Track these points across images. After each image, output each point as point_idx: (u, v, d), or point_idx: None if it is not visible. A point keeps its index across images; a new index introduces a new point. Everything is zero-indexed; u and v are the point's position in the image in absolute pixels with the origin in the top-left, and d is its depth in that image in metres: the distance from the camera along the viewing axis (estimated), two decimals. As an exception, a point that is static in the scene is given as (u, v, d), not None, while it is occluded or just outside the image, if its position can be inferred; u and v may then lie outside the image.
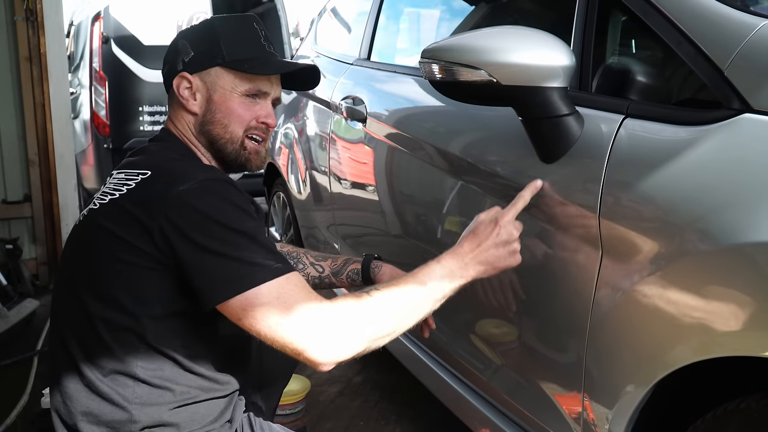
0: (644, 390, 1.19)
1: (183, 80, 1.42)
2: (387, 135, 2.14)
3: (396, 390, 2.66)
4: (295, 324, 1.19)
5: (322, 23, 3.38)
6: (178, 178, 1.25)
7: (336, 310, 1.22)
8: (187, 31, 1.49)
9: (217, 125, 1.42)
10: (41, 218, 3.95)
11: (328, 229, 2.75)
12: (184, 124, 1.44)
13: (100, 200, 1.32)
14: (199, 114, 1.43)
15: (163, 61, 1.48)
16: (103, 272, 1.27)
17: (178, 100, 1.43)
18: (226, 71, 1.41)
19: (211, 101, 1.42)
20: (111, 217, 1.27)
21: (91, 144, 5.20)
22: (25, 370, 2.82)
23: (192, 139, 1.44)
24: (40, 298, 3.61)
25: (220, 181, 1.28)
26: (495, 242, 1.34)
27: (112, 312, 1.26)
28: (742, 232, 1.01)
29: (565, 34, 1.44)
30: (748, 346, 1.02)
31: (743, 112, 1.09)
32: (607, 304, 1.26)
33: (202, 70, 1.42)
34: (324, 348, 1.20)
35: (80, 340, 1.29)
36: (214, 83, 1.42)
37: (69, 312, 1.33)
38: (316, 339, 1.20)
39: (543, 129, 1.36)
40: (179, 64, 1.42)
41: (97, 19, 5.10)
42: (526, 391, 1.57)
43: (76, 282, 1.31)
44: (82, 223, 1.36)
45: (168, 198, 1.23)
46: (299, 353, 1.20)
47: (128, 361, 1.27)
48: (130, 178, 1.30)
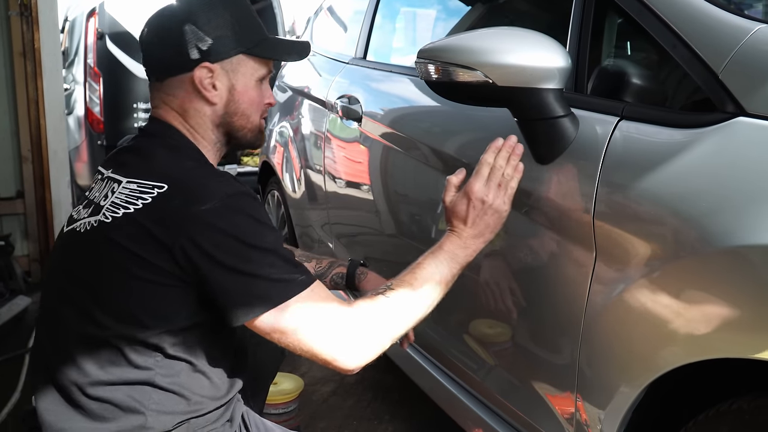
0: (637, 391, 1.20)
1: (204, 70, 1.31)
2: (382, 134, 2.15)
3: (389, 389, 2.66)
4: (323, 335, 1.21)
5: (318, 22, 3.38)
6: (199, 196, 1.20)
7: (360, 316, 1.24)
8: (185, 12, 1.33)
9: (241, 116, 1.37)
10: (34, 215, 3.93)
11: (323, 228, 2.75)
12: (199, 117, 1.35)
13: (112, 213, 1.23)
14: (218, 105, 1.34)
15: (153, 48, 1.35)
16: (120, 289, 1.22)
17: (196, 92, 1.33)
18: (247, 58, 1.35)
19: (234, 91, 1.35)
20: (126, 233, 1.21)
21: (84, 140, 5.18)
22: (16, 367, 2.80)
23: (203, 132, 1.36)
24: (31, 295, 3.59)
25: (239, 194, 1.23)
26: (478, 213, 1.35)
27: (127, 327, 1.22)
28: (736, 234, 1.01)
29: (561, 35, 1.44)
30: (740, 348, 1.03)
31: (738, 116, 1.09)
32: (600, 305, 1.26)
33: (225, 59, 1.33)
34: (353, 354, 1.23)
35: (87, 351, 1.24)
36: (236, 71, 1.34)
37: (72, 325, 1.26)
38: (345, 347, 1.22)
39: (538, 130, 1.36)
40: (193, 51, 1.30)
41: (92, 15, 5.08)
42: (519, 391, 1.57)
43: (83, 296, 1.25)
44: (89, 234, 1.26)
45: (189, 217, 1.18)
46: (329, 362, 1.22)
47: (147, 371, 1.24)
48: (145, 191, 1.22)
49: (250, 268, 1.19)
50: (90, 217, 1.28)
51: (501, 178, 1.35)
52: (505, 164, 1.35)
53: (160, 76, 1.36)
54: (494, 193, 1.35)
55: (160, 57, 1.35)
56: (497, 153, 1.36)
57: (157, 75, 1.36)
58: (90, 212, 1.28)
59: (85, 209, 1.31)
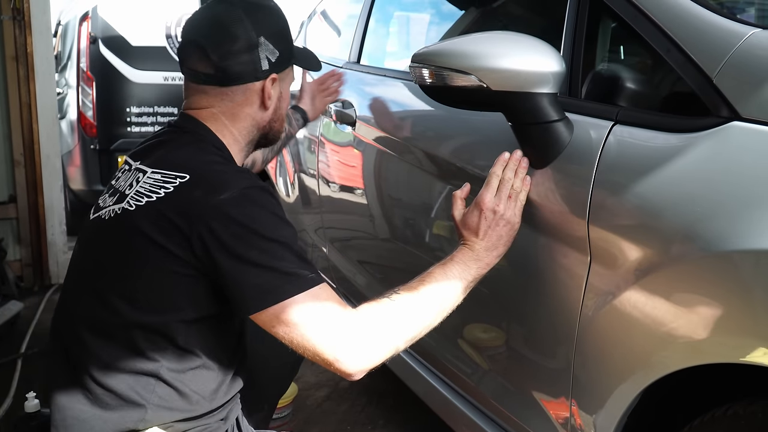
0: (632, 396, 1.19)
1: (271, 81, 1.39)
2: (376, 138, 2.14)
3: (383, 394, 2.65)
4: (326, 335, 1.21)
5: (312, 26, 3.38)
6: (218, 187, 1.23)
7: (364, 320, 1.24)
8: (257, 23, 1.35)
9: (279, 120, 1.46)
10: (26, 219, 3.91)
11: (316, 233, 2.75)
12: (248, 121, 1.41)
13: (136, 201, 1.27)
14: (269, 110, 1.42)
15: (225, 55, 1.34)
16: (138, 276, 1.26)
17: (259, 99, 1.39)
18: (290, 68, 1.46)
19: (281, 98, 1.44)
20: (149, 221, 1.24)
21: (77, 145, 5.16)
22: (8, 373, 2.79)
23: (246, 134, 1.42)
24: (24, 300, 3.57)
25: (257, 188, 1.27)
26: (489, 224, 1.35)
27: (143, 315, 1.25)
28: (730, 239, 1.01)
29: (555, 39, 1.44)
30: (734, 353, 1.02)
31: (732, 120, 1.09)
32: (595, 310, 1.26)
33: (284, 70, 1.43)
34: (355, 358, 1.22)
35: (100, 337, 1.28)
36: (284, 81, 1.44)
37: (88, 310, 1.30)
38: (349, 349, 1.21)
39: (533, 135, 1.36)
40: (263, 62, 1.37)
41: (84, 19, 5.06)
42: (514, 396, 1.57)
43: (102, 282, 1.29)
44: (113, 221, 1.29)
45: (208, 207, 1.21)
46: (330, 363, 1.21)
47: (154, 362, 1.27)
48: (168, 181, 1.26)
49: (263, 259, 1.20)
50: (115, 204, 1.31)
51: (511, 190, 1.36)
52: (514, 177, 1.36)
53: (226, 82, 1.37)
54: (505, 204, 1.35)
55: (230, 65, 1.35)
56: (505, 166, 1.36)
57: (221, 81, 1.37)
58: (115, 200, 1.32)
59: (110, 197, 1.34)
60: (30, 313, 3.46)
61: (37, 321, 3.38)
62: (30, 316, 3.42)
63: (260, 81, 1.38)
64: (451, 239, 1.76)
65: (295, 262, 1.23)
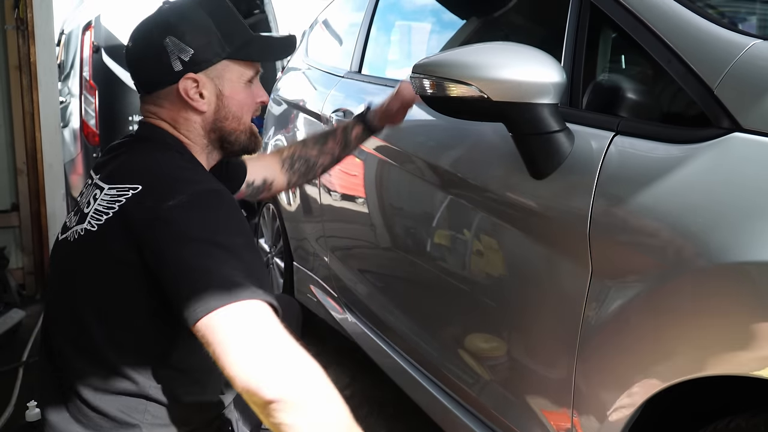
0: (633, 407, 1.19)
1: (189, 81, 1.31)
2: (377, 148, 2.14)
3: (385, 404, 2.64)
4: (249, 359, 1.05)
5: (314, 35, 3.38)
6: (167, 193, 1.18)
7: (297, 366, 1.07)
8: (165, 23, 1.32)
9: (232, 120, 1.37)
10: (29, 228, 3.91)
11: (317, 242, 2.74)
12: (190, 126, 1.35)
13: (96, 221, 1.23)
14: (208, 112, 1.34)
15: (137, 62, 1.35)
16: (106, 296, 1.22)
17: (183, 102, 1.32)
18: (232, 63, 1.34)
19: (222, 96, 1.35)
20: (109, 238, 1.20)
21: (80, 153, 5.17)
22: (9, 381, 2.78)
23: (195, 139, 1.36)
24: (26, 308, 3.57)
25: (210, 192, 1.21)
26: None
27: (117, 334, 1.22)
28: (731, 251, 1.01)
29: (555, 50, 1.45)
30: (736, 365, 1.02)
31: (733, 131, 1.09)
32: (596, 321, 1.26)
33: (209, 67, 1.32)
34: (271, 387, 1.03)
35: (83, 357, 1.24)
36: (222, 77, 1.34)
37: (66, 330, 1.27)
38: (271, 378, 1.04)
39: (533, 145, 1.36)
40: (176, 63, 1.30)
41: (88, 28, 5.08)
42: (515, 406, 1.56)
43: (75, 302, 1.25)
44: (77, 244, 1.27)
45: (155, 215, 1.16)
46: (251, 392, 1.03)
47: (139, 382, 1.23)
48: (121, 194, 1.22)
49: (203, 264, 1.11)
50: (77, 225, 1.28)
51: None
52: None
53: (148, 89, 1.36)
54: None
55: (144, 70, 1.35)
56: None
57: (144, 87, 1.37)
58: (77, 220, 1.29)
59: (75, 216, 1.32)
60: (32, 321, 3.46)
61: (39, 329, 3.37)
62: (32, 324, 3.41)
63: (176, 83, 1.31)
64: (453, 249, 1.76)
65: (240, 272, 1.11)
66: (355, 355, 2.73)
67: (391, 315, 2.18)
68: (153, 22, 1.34)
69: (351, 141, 1.87)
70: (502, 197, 1.53)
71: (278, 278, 3.36)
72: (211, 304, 1.07)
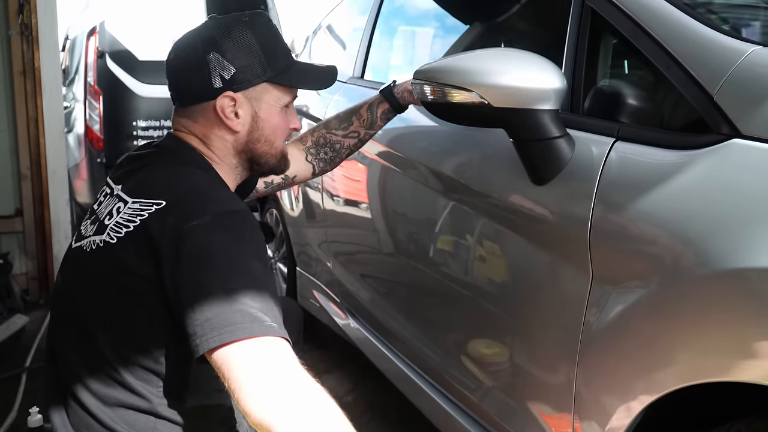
0: (634, 413, 1.19)
1: (227, 99, 1.30)
2: (379, 153, 2.15)
3: (387, 410, 2.64)
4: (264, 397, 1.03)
5: (317, 41, 3.39)
6: (191, 212, 1.16)
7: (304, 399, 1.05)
8: (210, 38, 1.31)
9: (264, 143, 1.36)
10: (32, 233, 3.92)
11: (320, 247, 2.75)
12: (221, 144, 1.34)
13: (116, 233, 1.21)
14: (241, 132, 1.34)
15: (177, 74, 1.35)
16: (118, 310, 1.21)
17: (218, 119, 1.32)
18: (271, 86, 1.34)
19: (258, 119, 1.34)
20: (128, 252, 1.19)
21: (84, 158, 5.19)
22: (12, 387, 2.78)
23: (224, 158, 1.35)
24: (29, 314, 3.57)
25: (235, 213, 1.19)
26: None
27: (125, 350, 1.21)
28: (730, 257, 1.01)
29: (556, 56, 1.45)
30: (736, 372, 1.02)
31: (732, 137, 1.09)
32: (596, 326, 1.26)
33: (248, 88, 1.32)
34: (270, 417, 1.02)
35: (89, 371, 1.23)
36: (259, 99, 1.33)
37: (73, 340, 1.26)
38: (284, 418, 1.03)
39: (534, 151, 1.36)
40: (216, 80, 1.29)
41: (92, 34, 5.09)
42: (517, 412, 1.56)
43: (87, 318, 1.24)
44: (94, 254, 1.24)
45: (177, 234, 1.14)
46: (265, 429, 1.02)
47: (148, 399, 1.22)
48: (144, 209, 1.20)
49: (220, 290, 1.10)
50: (95, 235, 1.26)
51: None
52: None
53: (184, 102, 1.35)
54: None
55: (183, 83, 1.35)
56: None
57: (180, 100, 1.36)
58: (95, 230, 1.27)
59: (92, 225, 1.30)
60: (35, 326, 3.46)
61: (43, 335, 3.38)
62: (35, 330, 3.42)
63: (213, 100, 1.30)
64: (455, 254, 1.76)
65: (257, 302, 1.10)
66: (358, 361, 2.73)
67: (393, 320, 2.18)
68: (198, 35, 1.34)
69: (376, 120, 1.80)
70: (503, 203, 1.54)
71: (281, 283, 3.36)
72: (225, 335, 1.07)
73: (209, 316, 1.08)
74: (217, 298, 1.09)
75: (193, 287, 1.11)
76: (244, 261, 1.15)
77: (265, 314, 1.10)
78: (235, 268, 1.13)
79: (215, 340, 1.07)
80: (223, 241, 1.14)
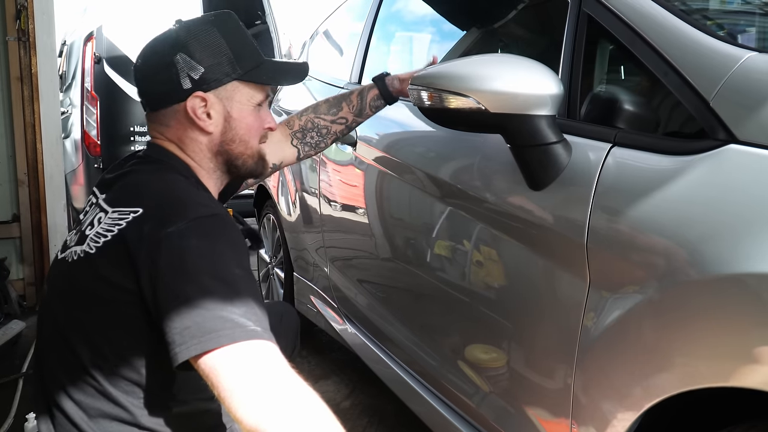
0: (633, 418, 1.19)
1: (197, 99, 1.29)
2: (376, 159, 2.15)
3: (384, 415, 2.64)
4: (256, 402, 1.03)
5: (314, 46, 3.40)
6: (168, 218, 1.14)
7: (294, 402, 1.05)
8: (176, 40, 1.30)
9: (239, 143, 1.35)
10: (29, 238, 3.92)
11: (317, 252, 2.75)
12: (196, 146, 1.33)
13: (95, 243, 1.20)
14: (215, 133, 1.32)
15: (145, 78, 1.34)
16: (98, 320, 1.19)
17: (190, 121, 1.30)
18: (242, 84, 1.33)
19: (230, 118, 1.33)
20: (106, 261, 1.17)
21: (81, 164, 5.19)
22: (9, 392, 2.78)
23: (201, 161, 1.34)
24: (26, 319, 3.57)
25: (212, 218, 1.17)
26: None
27: (112, 363, 1.19)
28: (727, 262, 1.01)
29: (553, 62, 1.45)
30: (733, 377, 1.02)
31: (729, 143, 1.10)
32: (594, 331, 1.26)
33: (218, 87, 1.30)
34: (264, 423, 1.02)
35: (73, 382, 1.21)
36: (231, 98, 1.32)
37: (57, 351, 1.24)
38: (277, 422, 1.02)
39: (531, 156, 1.36)
40: (185, 81, 1.28)
41: (89, 39, 5.11)
42: (514, 417, 1.56)
43: (69, 330, 1.22)
44: (75, 265, 1.23)
45: (154, 240, 1.12)
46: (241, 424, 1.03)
47: (130, 411, 1.20)
48: (122, 217, 1.19)
49: (199, 297, 1.08)
50: (77, 245, 1.25)
51: None
52: None
53: (154, 106, 1.34)
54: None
55: (153, 87, 1.33)
56: None
57: (151, 105, 1.35)
58: (77, 240, 1.26)
59: (75, 236, 1.29)
60: (32, 332, 3.45)
61: (37, 342, 3.37)
62: (32, 336, 3.40)
63: (184, 101, 1.29)
64: (452, 259, 1.77)
65: (238, 308, 1.08)
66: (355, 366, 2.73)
67: (391, 325, 2.18)
68: (164, 39, 1.33)
69: (365, 107, 1.79)
70: (500, 208, 1.54)
71: (278, 288, 3.36)
72: (206, 343, 1.05)
73: (188, 324, 1.06)
74: (196, 305, 1.07)
75: (172, 295, 1.09)
76: (223, 266, 1.13)
77: (247, 319, 1.08)
78: (213, 274, 1.11)
79: (195, 348, 1.05)
80: (200, 246, 1.12)
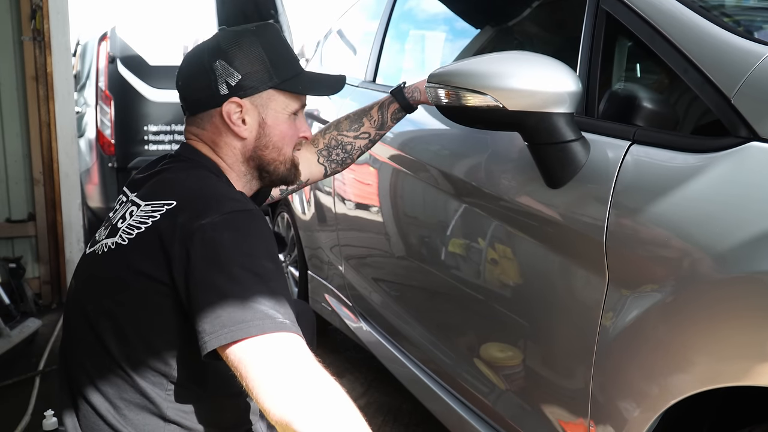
0: (652, 418, 1.18)
1: (233, 105, 1.33)
2: (391, 157, 2.15)
3: (400, 413, 2.64)
4: (283, 394, 1.04)
5: (328, 45, 3.40)
6: (201, 211, 1.17)
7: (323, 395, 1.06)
8: (216, 48, 1.34)
9: (272, 150, 1.38)
10: (45, 237, 3.95)
11: (332, 250, 2.75)
12: (229, 151, 1.36)
13: (128, 235, 1.23)
14: (249, 139, 1.36)
15: (185, 83, 1.38)
16: (128, 311, 1.21)
17: (225, 126, 1.34)
18: (278, 93, 1.36)
19: (264, 125, 1.36)
20: (139, 252, 1.20)
21: (95, 163, 5.21)
22: (26, 390, 2.80)
23: (233, 165, 1.37)
24: (42, 317, 3.60)
25: (244, 213, 1.20)
26: None
27: (141, 353, 1.21)
28: (748, 260, 1.00)
29: (571, 59, 1.45)
30: (754, 376, 1.01)
31: (750, 140, 1.09)
32: (613, 331, 1.25)
33: (254, 94, 1.34)
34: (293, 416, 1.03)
35: (100, 374, 1.23)
36: (266, 106, 1.35)
37: (85, 345, 1.26)
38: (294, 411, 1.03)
39: (549, 154, 1.36)
40: (223, 87, 1.32)
41: (103, 39, 5.13)
42: (531, 416, 1.56)
43: (99, 320, 1.24)
44: (106, 257, 1.26)
45: (187, 232, 1.15)
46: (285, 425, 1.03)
47: (156, 402, 1.22)
48: (156, 210, 1.22)
49: (230, 288, 1.11)
50: (108, 238, 1.28)
51: None
52: None
53: (193, 110, 1.38)
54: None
55: (191, 92, 1.37)
56: None
57: (190, 109, 1.39)
58: (108, 234, 1.29)
59: (105, 230, 1.32)
60: (48, 330, 3.48)
61: (56, 338, 3.40)
62: (48, 334, 3.44)
63: (220, 106, 1.33)
64: (467, 257, 1.76)
65: (268, 301, 1.11)
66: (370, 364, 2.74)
67: (405, 324, 2.18)
68: (206, 46, 1.37)
69: (387, 120, 1.82)
70: (517, 206, 1.53)
71: (293, 287, 3.36)
72: (236, 332, 1.08)
73: (219, 314, 1.09)
74: (227, 295, 1.10)
75: (203, 285, 1.12)
76: (255, 259, 1.15)
77: (276, 311, 1.10)
78: (246, 266, 1.13)
79: (225, 338, 1.08)
80: (233, 239, 1.15)
